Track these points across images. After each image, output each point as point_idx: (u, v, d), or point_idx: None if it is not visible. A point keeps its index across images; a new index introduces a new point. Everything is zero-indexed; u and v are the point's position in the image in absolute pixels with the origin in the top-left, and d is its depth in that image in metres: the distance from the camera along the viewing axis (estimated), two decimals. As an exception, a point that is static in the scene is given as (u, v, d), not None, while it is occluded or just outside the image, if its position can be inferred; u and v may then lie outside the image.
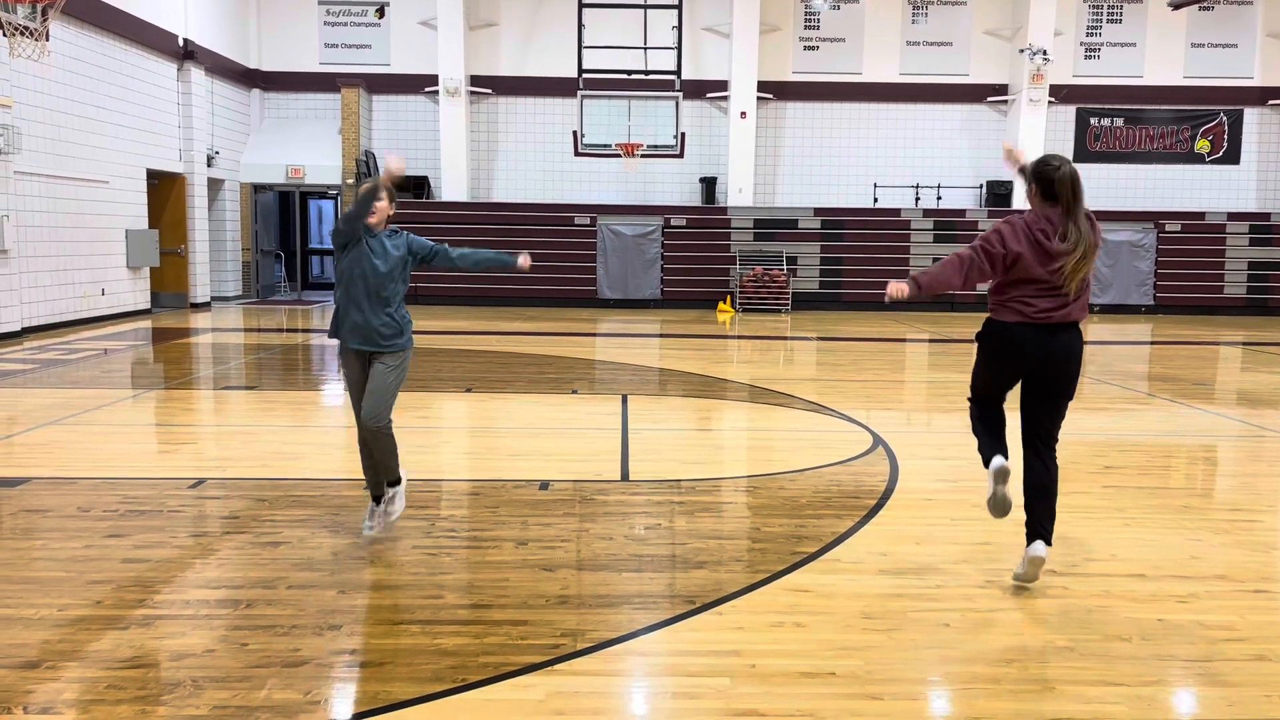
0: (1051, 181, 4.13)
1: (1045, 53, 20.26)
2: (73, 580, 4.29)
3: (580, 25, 17.91)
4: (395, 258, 4.73)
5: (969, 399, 4.57)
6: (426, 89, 21.00)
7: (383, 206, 4.69)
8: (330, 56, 21.24)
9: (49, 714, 3.14)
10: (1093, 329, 17.59)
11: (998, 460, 4.33)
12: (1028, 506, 4.32)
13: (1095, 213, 4.30)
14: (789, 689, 3.37)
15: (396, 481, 4.97)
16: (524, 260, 5.04)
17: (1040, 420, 4.32)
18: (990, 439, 4.42)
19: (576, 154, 18.33)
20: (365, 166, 20.24)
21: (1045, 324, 4.17)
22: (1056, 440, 4.37)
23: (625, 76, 18.20)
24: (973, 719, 3.20)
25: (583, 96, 17.63)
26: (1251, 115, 21.66)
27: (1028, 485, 4.33)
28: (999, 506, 4.38)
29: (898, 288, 4.34)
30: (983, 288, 4.34)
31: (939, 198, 21.41)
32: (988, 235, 4.24)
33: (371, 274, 4.67)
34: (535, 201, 21.10)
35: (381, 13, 21.20)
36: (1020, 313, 4.19)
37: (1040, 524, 4.26)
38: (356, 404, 4.81)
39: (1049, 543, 4.26)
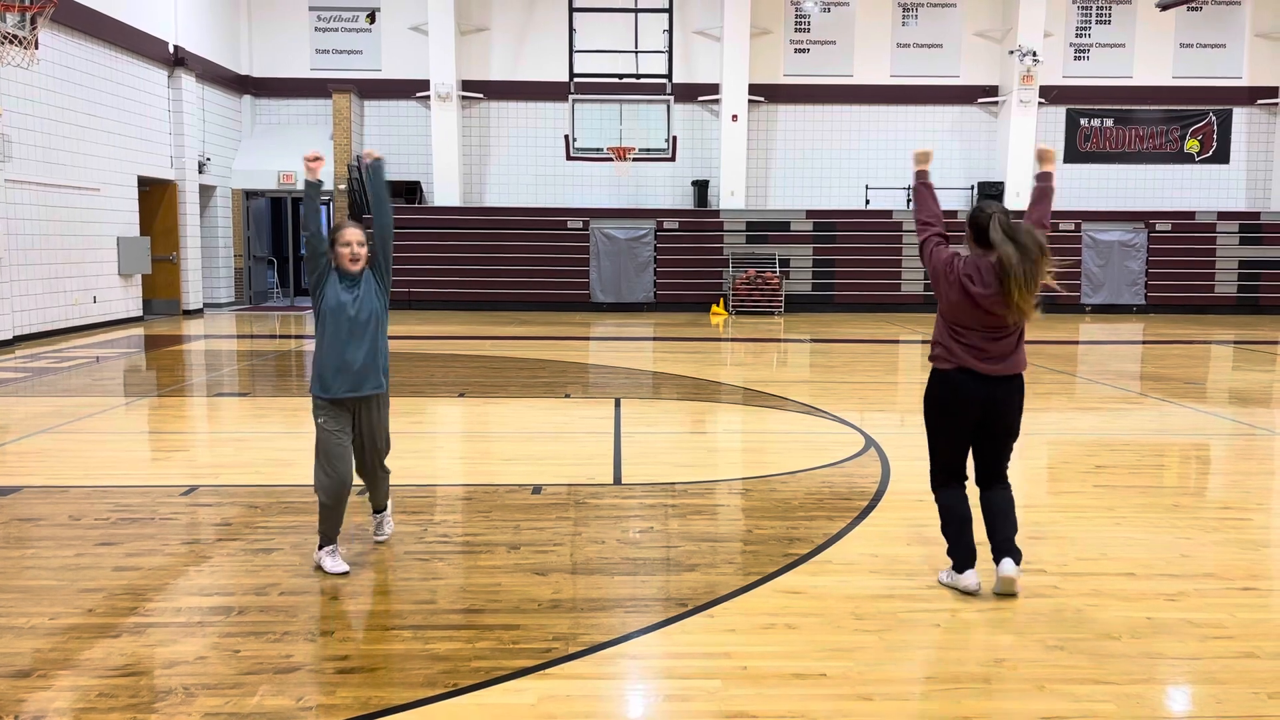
0: (984, 229, 4.13)
1: (1035, 54, 20.34)
2: (64, 588, 4.29)
3: (571, 29, 17.94)
4: (371, 287, 4.54)
5: (933, 486, 4.48)
6: (418, 94, 21.01)
7: (365, 253, 4.49)
8: (321, 62, 21.24)
9: (40, 723, 3.14)
10: (1085, 328, 17.64)
11: (971, 578, 4.29)
12: (991, 531, 4.33)
13: (1086, 213, 4.31)
14: (780, 690, 3.38)
15: (384, 508, 4.93)
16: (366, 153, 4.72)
17: (992, 459, 4.38)
18: (962, 544, 4.35)
19: (568, 158, 18.32)
20: (357, 172, 20.24)
21: (986, 375, 4.21)
22: (1008, 467, 4.44)
23: (617, 80, 18.23)
24: (964, 718, 3.22)
25: (574, 100, 17.64)
26: (1240, 115, 21.76)
27: (988, 513, 4.36)
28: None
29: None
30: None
31: (931, 199, 21.44)
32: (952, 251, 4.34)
33: (355, 310, 4.45)
34: (528, 206, 21.12)
35: (372, 18, 21.21)
36: (961, 361, 4.22)
37: (1007, 541, 4.30)
38: (337, 464, 4.48)
39: (1018, 559, 4.29)
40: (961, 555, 4.34)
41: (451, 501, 5.85)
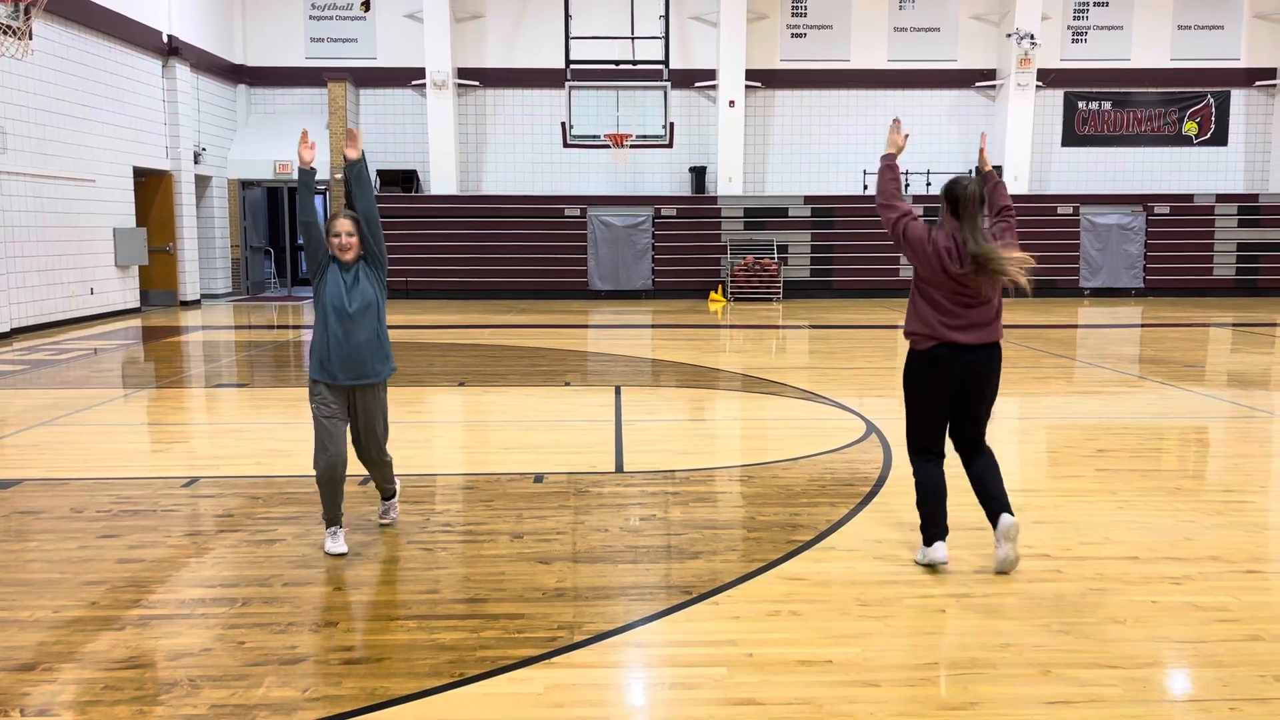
0: (959, 201, 4.22)
1: (1032, 37, 20.27)
2: (67, 581, 4.28)
3: (567, 16, 17.84)
4: (370, 277, 4.61)
5: (912, 459, 4.50)
6: (414, 82, 20.91)
7: (355, 242, 4.53)
8: (316, 50, 21.13)
9: (46, 716, 3.14)
10: (1084, 312, 17.64)
11: (940, 551, 4.36)
12: (981, 492, 4.39)
13: (1084, 196, 4.35)
14: (786, 677, 3.38)
15: (394, 494, 5.07)
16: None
17: (971, 428, 4.43)
18: (935, 521, 4.40)
19: (565, 145, 18.26)
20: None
21: (965, 345, 4.24)
22: (985, 432, 4.48)
23: (613, 67, 18.14)
24: (970, 704, 3.22)
25: (571, 88, 17.56)
26: (1239, 97, 21.70)
27: (975, 476, 4.41)
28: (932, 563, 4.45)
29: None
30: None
31: (928, 184, 21.38)
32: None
33: (351, 299, 4.52)
34: (525, 194, 21.05)
35: (367, 6, 21.09)
36: (940, 335, 4.25)
37: (998, 500, 4.34)
38: (329, 444, 4.55)
39: (1012, 511, 4.35)
40: (934, 530, 4.40)
41: (453, 491, 5.84)
